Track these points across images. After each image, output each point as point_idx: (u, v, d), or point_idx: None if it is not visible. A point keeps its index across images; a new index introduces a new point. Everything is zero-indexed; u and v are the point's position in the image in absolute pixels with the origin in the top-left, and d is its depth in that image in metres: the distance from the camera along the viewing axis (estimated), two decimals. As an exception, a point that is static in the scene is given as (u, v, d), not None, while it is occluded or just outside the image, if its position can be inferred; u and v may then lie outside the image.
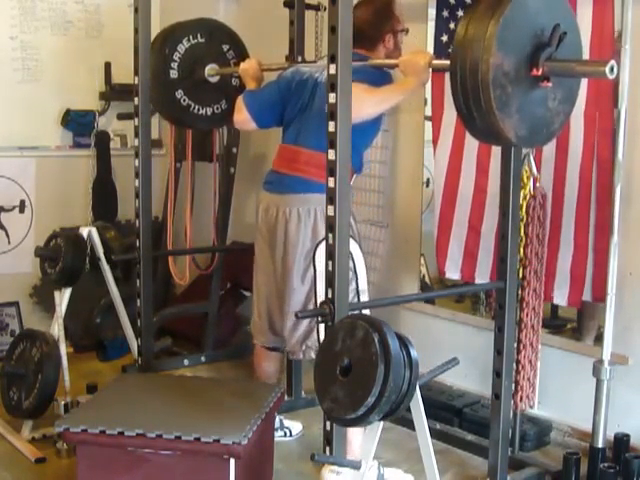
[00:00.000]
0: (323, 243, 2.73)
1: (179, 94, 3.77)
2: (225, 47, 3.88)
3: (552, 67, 2.33)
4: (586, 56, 3.19)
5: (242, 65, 3.56)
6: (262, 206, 3.33)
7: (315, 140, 3.07)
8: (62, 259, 3.68)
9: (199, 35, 3.80)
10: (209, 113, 3.87)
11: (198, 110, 3.84)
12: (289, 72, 3.39)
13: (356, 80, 2.92)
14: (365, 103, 2.92)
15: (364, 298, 3.14)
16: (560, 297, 3.40)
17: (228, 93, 3.82)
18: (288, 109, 3.31)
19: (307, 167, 3.18)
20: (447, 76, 3.65)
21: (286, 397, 3.45)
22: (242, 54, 3.89)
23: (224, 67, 3.84)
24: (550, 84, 2.35)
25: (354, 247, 3.06)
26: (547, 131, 2.45)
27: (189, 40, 3.77)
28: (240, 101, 3.39)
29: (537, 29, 2.33)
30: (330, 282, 2.58)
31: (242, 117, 3.37)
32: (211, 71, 3.80)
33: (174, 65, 3.74)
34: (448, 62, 2.41)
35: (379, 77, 3.08)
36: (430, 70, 2.87)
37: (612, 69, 2.28)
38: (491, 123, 2.30)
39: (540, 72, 2.31)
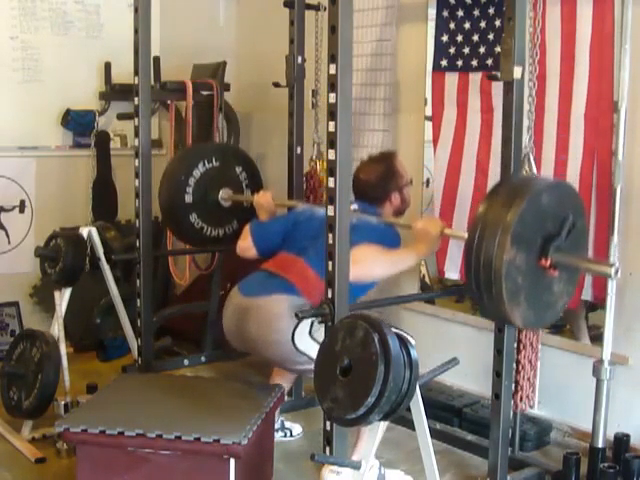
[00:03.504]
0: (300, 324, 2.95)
1: (193, 218, 3.87)
2: (238, 169, 3.96)
3: (559, 259, 2.40)
4: (586, 57, 3.21)
5: (257, 198, 3.61)
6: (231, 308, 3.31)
7: (316, 261, 3.02)
8: (62, 259, 3.68)
9: (214, 159, 3.88)
10: (221, 234, 3.98)
11: (211, 232, 3.94)
12: (301, 208, 3.48)
13: (372, 241, 2.98)
14: (379, 264, 3.00)
15: None
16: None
17: (239, 214, 3.93)
18: (296, 234, 3.32)
19: (297, 276, 3.15)
20: (447, 77, 3.72)
21: (286, 397, 3.45)
22: (255, 177, 4.00)
23: (237, 190, 3.94)
24: (557, 273, 2.42)
25: None
26: (552, 312, 2.55)
27: (204, 165, 3.86)
28: (247, 230, 3.46)
29: (547, 220, 2.40)
30: (330, 282, 2.58)
31: (245, 245, 3.45)
32: (225, 195, 3.91)
33: (189, 190, 3.83)
34: (459, 233, 2.63)
35: (391, 239, 3.13)
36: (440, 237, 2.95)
37: (617, 271, 2.38)
38: (500, 310, 2.38)
39: (548, 263, 2.39)
